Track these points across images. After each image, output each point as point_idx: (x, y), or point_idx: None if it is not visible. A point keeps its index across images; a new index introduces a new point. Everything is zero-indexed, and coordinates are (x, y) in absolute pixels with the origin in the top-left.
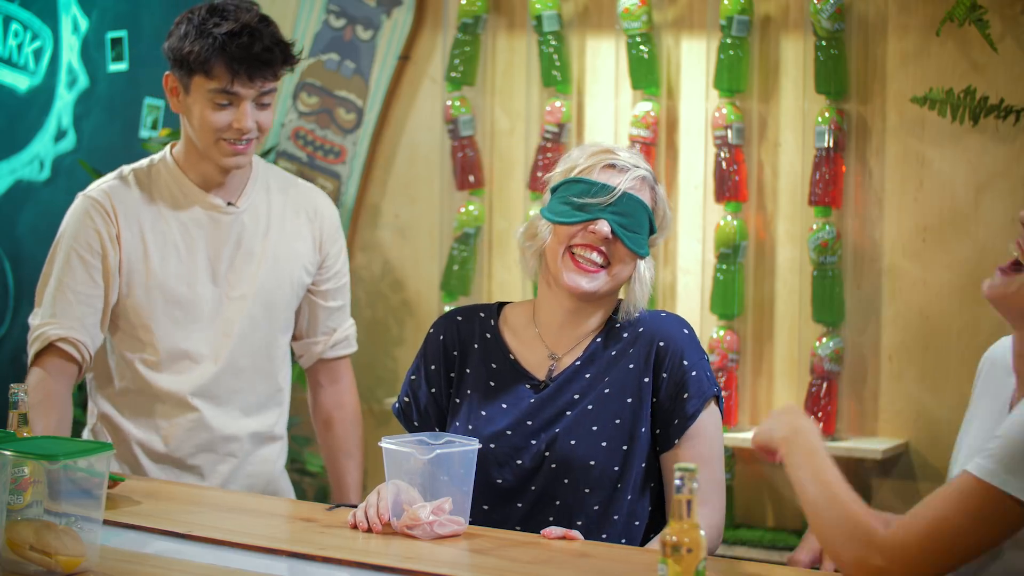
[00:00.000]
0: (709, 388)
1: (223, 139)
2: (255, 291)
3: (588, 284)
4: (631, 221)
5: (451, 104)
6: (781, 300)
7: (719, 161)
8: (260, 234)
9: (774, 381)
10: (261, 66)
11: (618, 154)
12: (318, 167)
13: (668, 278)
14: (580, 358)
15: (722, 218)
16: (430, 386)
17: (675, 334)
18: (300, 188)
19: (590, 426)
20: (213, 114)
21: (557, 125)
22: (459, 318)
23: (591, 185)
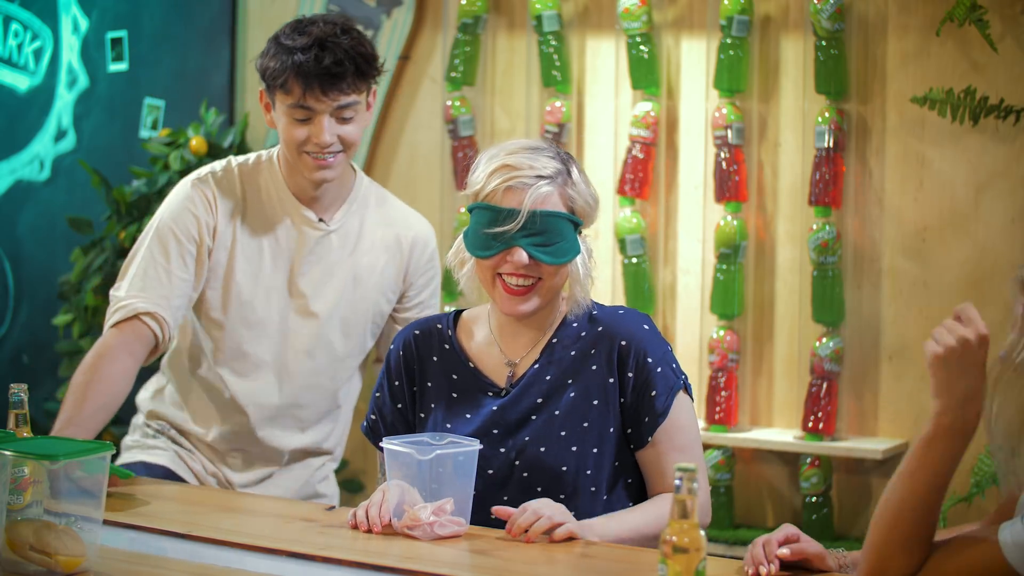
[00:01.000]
0: (675, 381)
1: (305, 152)
2: (330, 311)
3: (523, 306)
4: (547, 237)
5: (451, 104)
6: (781, 300)
7: (719, 161)
8: (346, 255)
9: (774, 381)
10: (332, 79)
11: (516, 171)
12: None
13: (668, 278)
14: (538, 360)
15: (722, 218)
16: (395, 402)
17: (635, 332)
18: (400, 213)
19: (558, 431)
20: (293, 129)
21: (557, 125)
22: (416, 332)
23: (497, 212)
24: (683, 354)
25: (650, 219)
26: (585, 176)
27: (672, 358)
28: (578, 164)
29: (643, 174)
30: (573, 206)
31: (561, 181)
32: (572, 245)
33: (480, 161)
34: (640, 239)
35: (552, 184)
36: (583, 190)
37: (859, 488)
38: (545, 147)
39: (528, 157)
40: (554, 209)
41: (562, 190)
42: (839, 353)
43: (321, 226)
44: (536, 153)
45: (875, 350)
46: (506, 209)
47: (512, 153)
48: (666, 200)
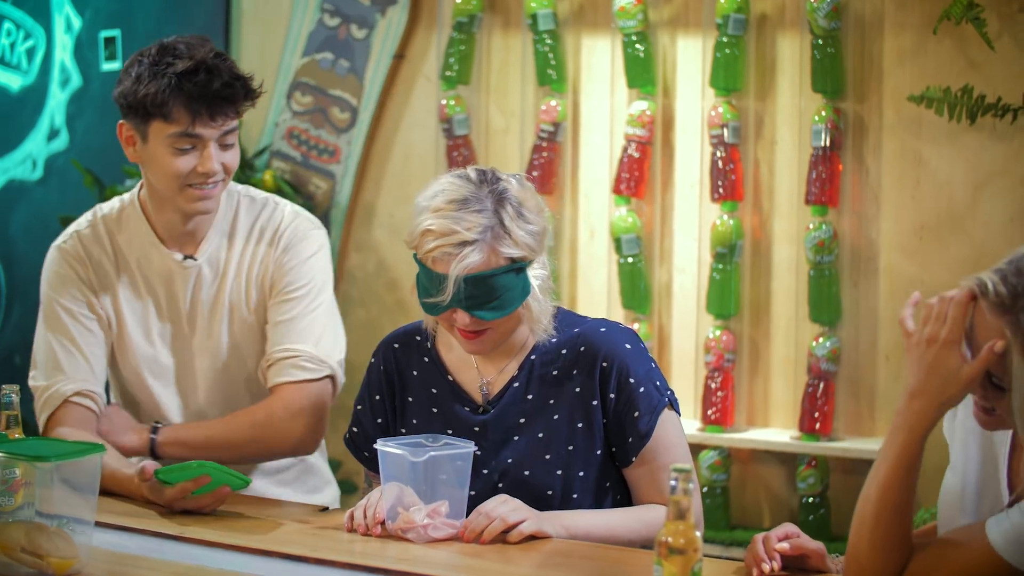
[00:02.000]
0: (659, 400)
1: (188, 185)
2: (215, 344)
3: (481, 347)
4: (484, 297)
5: (446, 103)
6: (778, 299)
7: (715, 160)
8: (217, 283)
9: (771, 381)
10: (222, 103)
11: (440, 238)
12: (312, 166)
13: (664, 277)
14: (516, 377)
15: (718, 217)
16: (376, 416)
17: (617, 351)
18: (267, 212)
19: (542, 455)
20: (176, 160)
21: (552, 124)
22: (396, 345)
23: (430, 277)
24: (679, 354)
25: (646, 218)
26: (526, 209)
27: (656, 375)
28: (513, 199)
29: (639, 173)
30: (511, 254)
31: (491, 237)
32: (516, 293)
33: (415, 209)
34: (636, 238)
35: (479, 247)
36: (521, 235)
37: (856, 489)
38: (472, 198)
39: (452, 219)
40: (485, 271)
41: (493, 247)
42: (836, 353)
43: (189, 264)
44: (462, 210)
45: (872, 350)
46: (436, 276)
47: (437, 211)
48: (662, 199)
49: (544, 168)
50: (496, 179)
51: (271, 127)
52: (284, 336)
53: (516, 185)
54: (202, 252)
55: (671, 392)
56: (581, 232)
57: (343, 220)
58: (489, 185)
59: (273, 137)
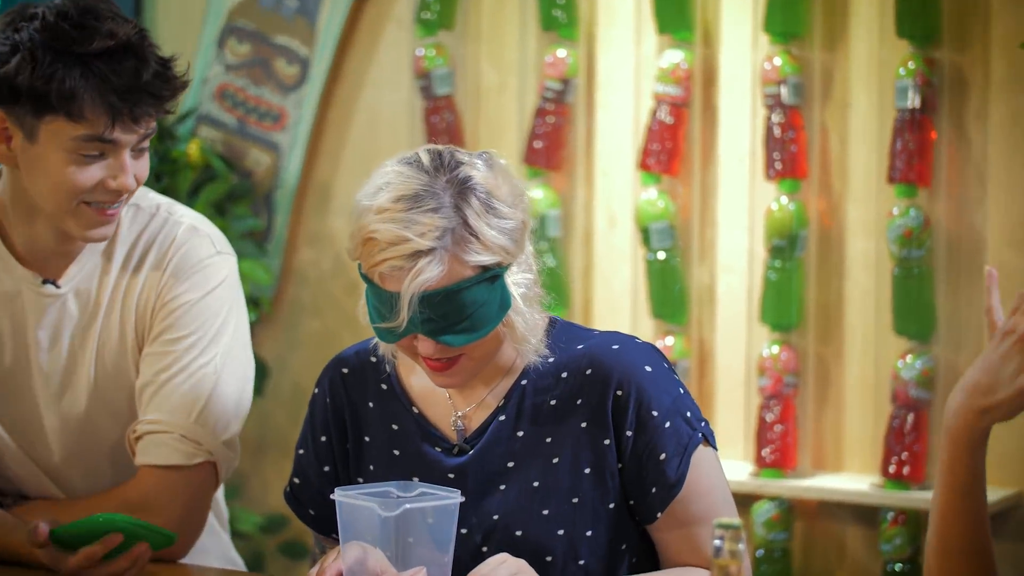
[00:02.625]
0: (691, 435)
1: (86, 203)
2: (75, 400)
3: (454, 379)
4: (453, 317)
5: (423, 54)
6: (853, 306)
7: (771, 127)
8: (85, 320)
9: (844, 412)
10: (152, 101)
11: (386, 248)
12: (250, 135)
13: (705, 279)
14: (501, 408)
15: (775, 200)
16: (322, 462)
17: (635, 374)
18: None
19: (539, 509)
20: (77, 171)
21: (561, 81)
22: (344, 370)
23: (381, 296)
24: (725, 377)
25: (681, 202)
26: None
27: (686, 403)
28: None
29: (672, 144)
30: (481, 261)
31: (452, 242)
32: (491, 309)
33: (355, 210)
34: (668, 228)
35: (436, 257)
36: (492, 235)
37: None
38: (424, 192)
39: (400, 222)
40: (447, 286)
41: (455, 255)
42: (929, 375)
43: (49, 289)
44: (413, 209)
45: None
46: (387, 296)
47: (382, 213)
48: (702, 177)
49: (550, 138)
50: (456, 163)
51: (197, 84)
52: (155, 402)
53: (483, 169)
54: (69, 278)
55: (705, 424)
56: (598, 220)
57: (290, 204)
58: (447, 172)
59: (200, 97)
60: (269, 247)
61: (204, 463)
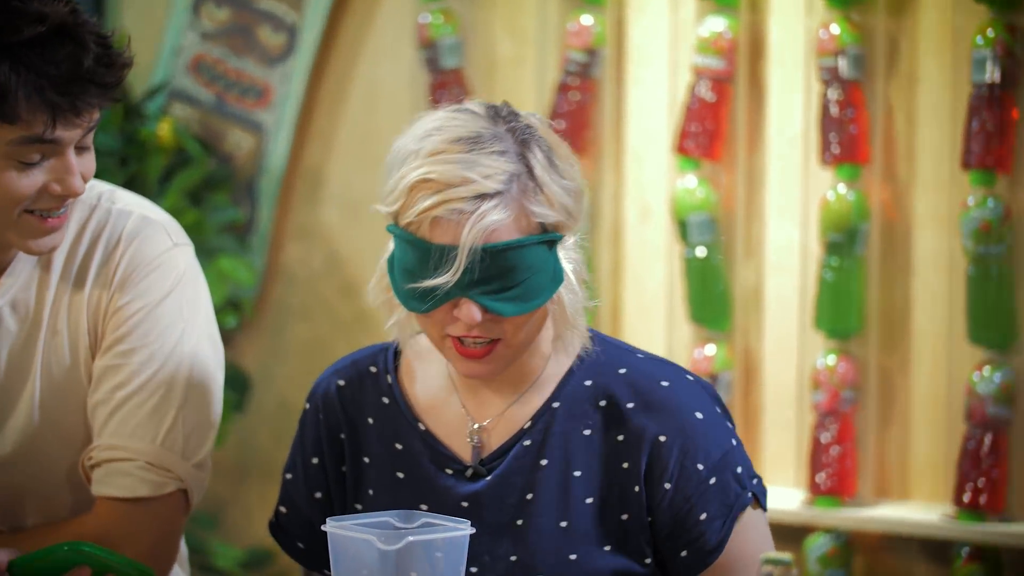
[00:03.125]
0: (739, 495)
1: (29, 212)
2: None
3: (485, 368)
4: (505, 280)
5: (428, 21)
6: (921, 311)
7: (827, 104)
8: (24, 335)
9: (910, 431)
10: (94, 92)
11: (445, 190)
12: (230, 114)
13: (751, 278)
14: (527, 432)
15: (832, 189)
16: (312, 488)
17: (683, 422)
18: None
19: (566, 553)
20: (16, 178)
21: (586, 52)
22: (341, 382)
23: (426, 251)
24: (774, 391)
25: (724, 191)
26: (558, 157)
27: (737, 457)
28: (543, 141)
29: (714, 124)
30: (543, 221)
31: (518, 190)
32: (545, 278)
33: (395, 158)
34: (709, 220)
35: (503, 202)
36: (557, 191)
37: None
38: (488, 134)
39: (463, 161)
40: (510, 239)
41: (521, 205)
42: (1009, 390)
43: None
44: (475, 150)
45: None
46: (436, 248)
47: (436, 155)
48: (748, 163)
49: (574, 117)
50: (514, 114)
51: (168, 54)
52: (112, 425)
53: (541, 123)
54: (3, 290)
55: (757, 481)
56: (628, 211)
57: (276, 193)
58: (506, 121)
59: (172, 70)
60: (252, 242)
61: (174, 492)
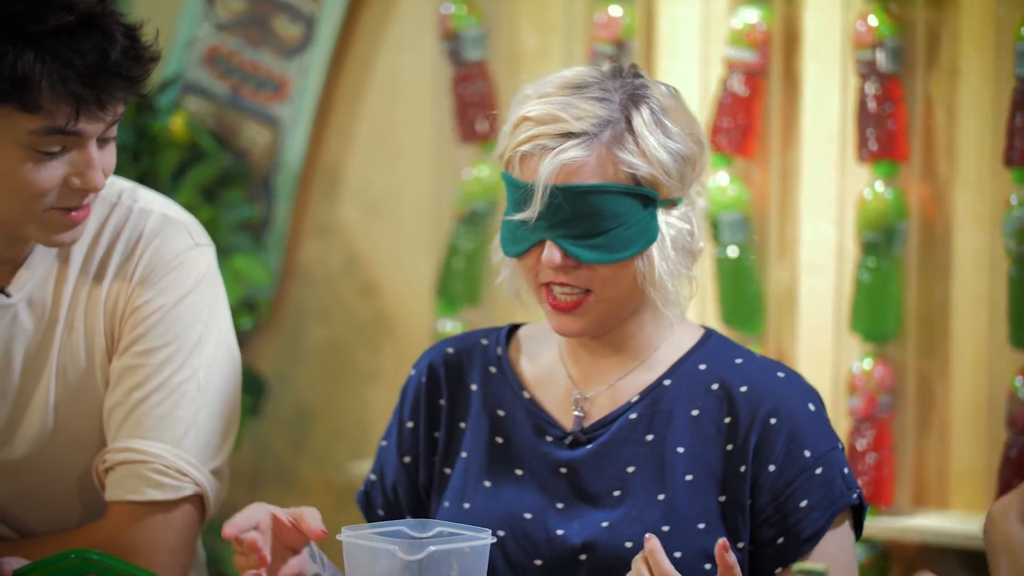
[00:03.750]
0: (845, 495)
1: (52, 207)
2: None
3: (575, 324)
4: (586, 225)
5: (451, 12)
6: (961, 313)
7: (864, 99)
8: (41, 334)
9: (950, 438)
10: (120, 85)
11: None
12: (246, 108)
13: (785, 278)
14: (634, 405)
15: (869, 187)
16: (403, 452)
17: (794, 408)
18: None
19: (658, 525)
20: (35, 170)
21: (614, 44)
22: (450, 350)
23: (515, 188)
24: None
25: (757, 188)
26: (677, 120)
27: (841, 459)
28: (658, 101)
29: (747, 119)
30: (635, 172)
31: (610, 136)
32: (635, 232)
33: (516, 103)
34: (742, 219)
35: (586, 144)
36: (654, 145)
37: None
38: (594, 81)
39: (560, 103)
40: (586, 182)
41: (608, 151)
42: None
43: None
44: (575, 94)
45: None
46: (522, 186)
47: (542, 97)
48: (782, 159)
49: None
50: (637, 75)
51: (182, 46)
52: (128, 427)
53: (666, 91)
54: (19, 285)
55: (858, 492)
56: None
57: (293, 190)
58: (624, 79)
59: (185, 62)
60: (268, 240)
61: (190, 497)
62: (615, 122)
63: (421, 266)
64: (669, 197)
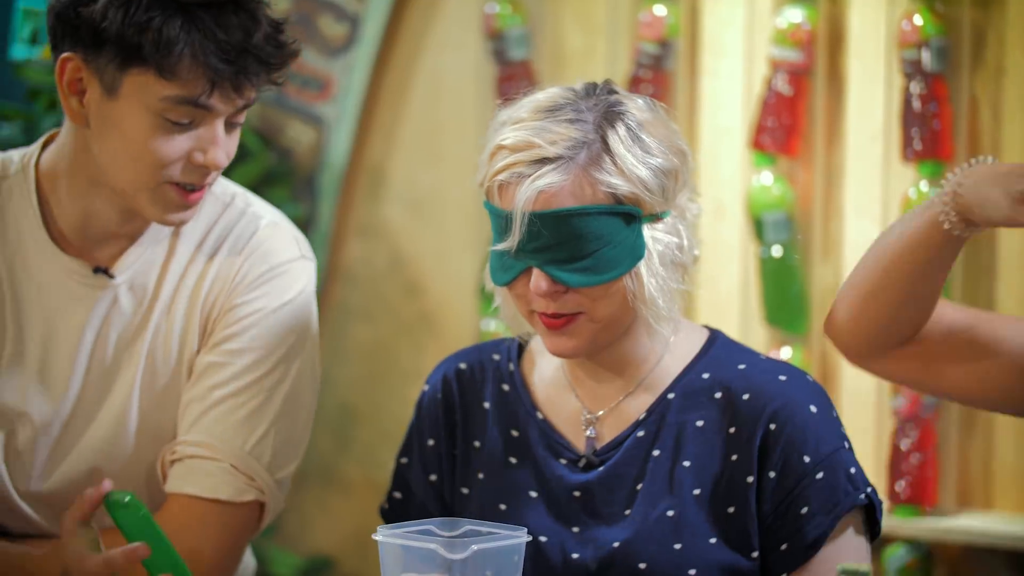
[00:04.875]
0: (846, 497)
1: (170, 182)
2: (113, 413)
3: (571, 342)
4: (569, 249)
5: (496, 11)
6: (1005, 311)
7: (909, 98)
8: (139, 319)
9: (995, 438)
10: (258, 69)
11: (511, 155)
12: (290, 107)
13: (829, 278)
14: (642, 422)
15: (914, 186)
16: (428, 471)
17: (793, 411)
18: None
19: (670, 542)
20: (161, 138)
21: (659, 43)
22: (463, 366)
23: (496, 217)
24: (852, 397)
25: (802, 188)
26: (654, 134)
27: (848, 459)
28: (633, 116)
29: (791, 119)
30: (615, 191)
31: (586, 158)
32: (621, 251)
33: (493, 129)
34: (786, 219)
35: (563, 168)
36: (632, 163)
37: None
38: (566, 103)
39: (534, 128)
40: (564, 206)
41: (585, 172)
42: None
43: (102, 280)
44: (548, 118)
45: None
46: (501, 214)
47: (516, 124)
48: (827, 159)
49: None
50: (611, 91)
51: None
52: (205, 423)
53: (641, 105)
54: (124, 266)
55: (871, 490)
56: (702, 208)
57: (337, 190)
58: (598, 96)
59: None
60: (312, 240)
61: (252, 502)
62: (590, 143)
63: (465, 265)
64: (653, 212)
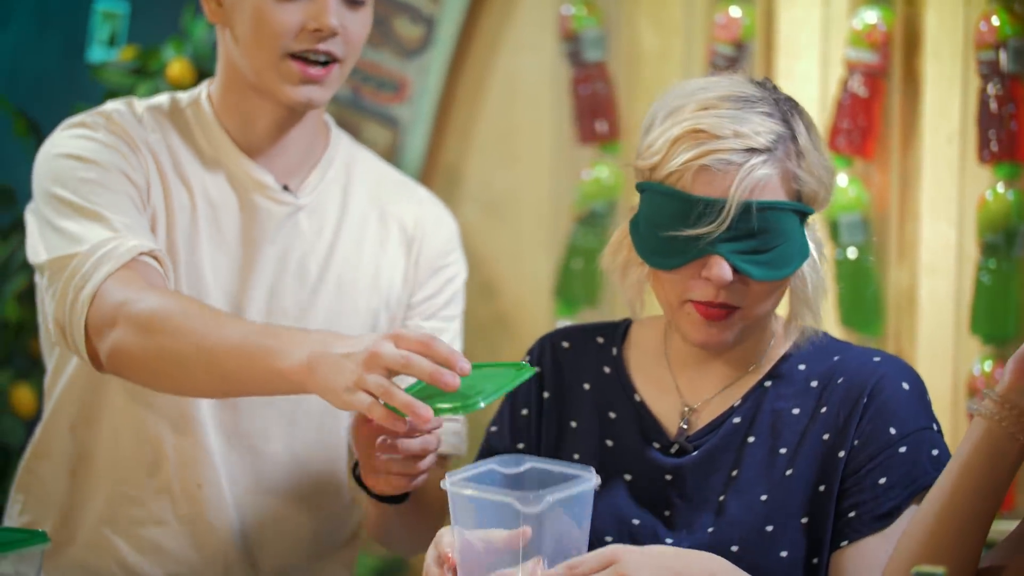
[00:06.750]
0: (924, 476)
1: (291, 55)
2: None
3: (720, 335)
4: (762, 240)
5: (571, 13)
6: None
7: (986, 100)
8: (324, 244)
9: None
10: None
11: (714, 141)
12: (366, 108)
13: (904, 280)
14: (737, 409)
15: (990, 188)
16: (517, 439)
17: (886, 386)
18: (399, 188)
19: (762, 525)
20: (276, 10)
21: (734, 45)
22: (565, 344)
23: (687, 203)
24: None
25: (877, 190)
26: (815, 134)
27: (936, 441)
28: (805, 115)
29: (867, 121)
30: (800, 188)
31: (783, 152)
32: (797, 248)
33: (656, 115)
34: (861, 221)
35: (771, 160)
36: (814, 161)
37: None
38: (756, 96)
39: (733, 116)
40: (775, 199)
41: (784, 167)
42: None
43: (285, 197)
44: (745, 108)
45: None
46: (702, 200)
47: (707, 109)
48: (902, 161)
49: None
50: (776, 88)
51: None
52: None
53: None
54: (307, 189)
55: None
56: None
57: None
58: (772, 91)
59: None
60: None
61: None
62: (784, 138)
63: (540, 267)
64: (818, 210)
